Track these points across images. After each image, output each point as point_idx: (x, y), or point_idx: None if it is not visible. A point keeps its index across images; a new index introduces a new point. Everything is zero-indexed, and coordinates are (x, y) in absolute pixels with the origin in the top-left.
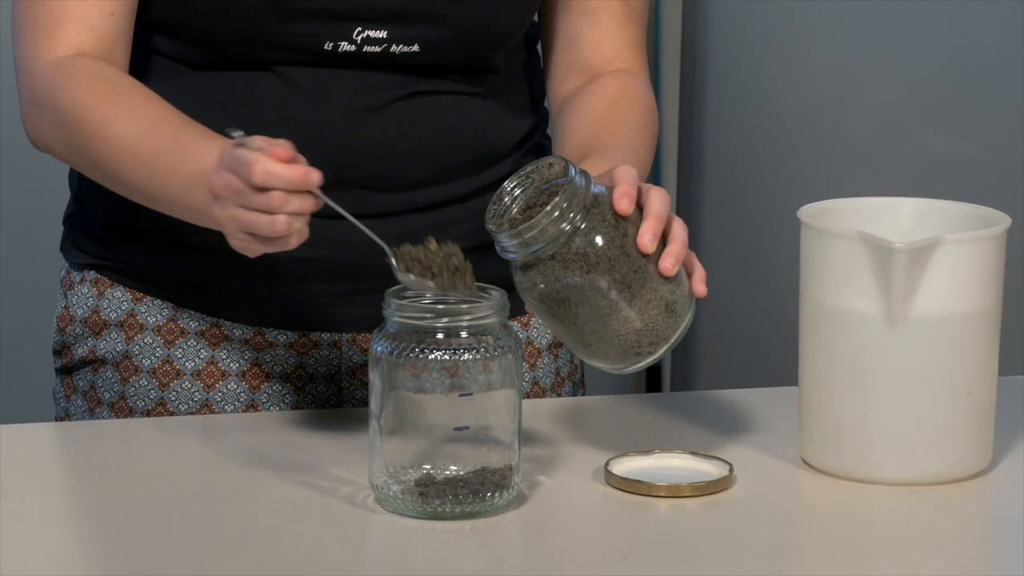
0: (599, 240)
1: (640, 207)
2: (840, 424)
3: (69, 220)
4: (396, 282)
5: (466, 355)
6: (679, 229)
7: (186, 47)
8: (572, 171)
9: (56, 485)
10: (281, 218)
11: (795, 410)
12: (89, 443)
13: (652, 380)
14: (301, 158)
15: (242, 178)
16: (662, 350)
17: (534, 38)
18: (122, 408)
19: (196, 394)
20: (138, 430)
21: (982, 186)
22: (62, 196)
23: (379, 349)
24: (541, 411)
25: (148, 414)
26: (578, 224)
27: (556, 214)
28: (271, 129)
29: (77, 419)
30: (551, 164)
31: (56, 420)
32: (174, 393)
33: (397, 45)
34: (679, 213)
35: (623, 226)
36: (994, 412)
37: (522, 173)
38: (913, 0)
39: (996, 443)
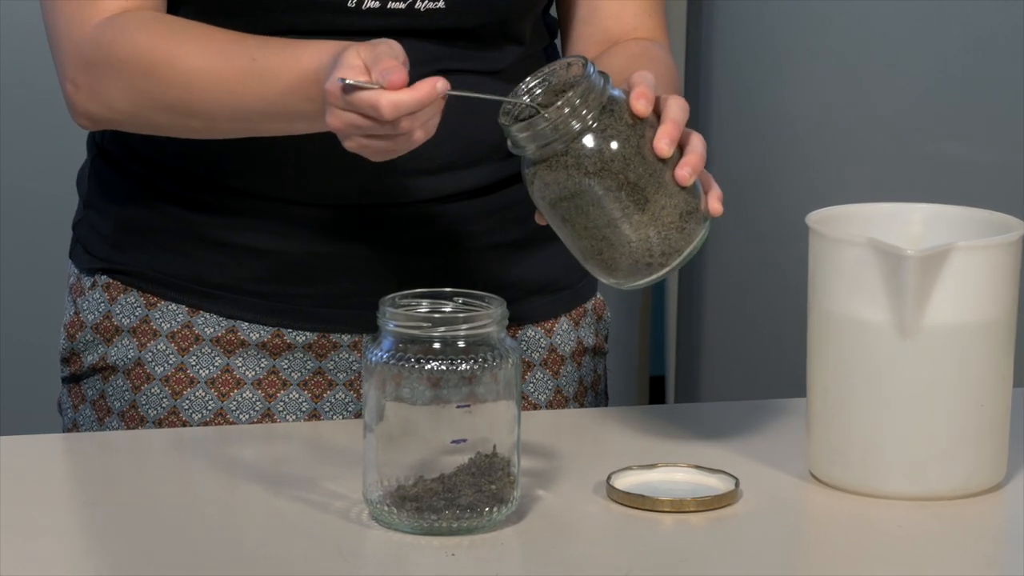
0: (613, 139)
1: (658, 115)
2: (849, 437)
3: (78, 226)
4: (399, 288)
5: (463, 365)
6: (697, 142)
7: (206, 15)
8: (590, 68)
9: (59, 499)
10: (418, 134)
11: (803, 422)
12: (96, 455)
13: (655, 391)
14: (405, 72)
15: (369, 118)
16: (674, 263)
17: (554, 25)
18: (133, 417)
19: (210, 403)
20: (147, 442)
21: (996, 191)
22: (67, 203)
23: (373, 359)
24: (541, 423)
25: (160, 423)
26: (591, 123)
27: (567, 109)
28: None
29: (85, 429)
30: (570, 64)
31: (63, 431)
32: (187, 402)
33: (423, 1)
34: None
35: (640, 128)
36: (1008, 425)
37: (541, 73)
38: (925, 1)
39: (1011, 457)
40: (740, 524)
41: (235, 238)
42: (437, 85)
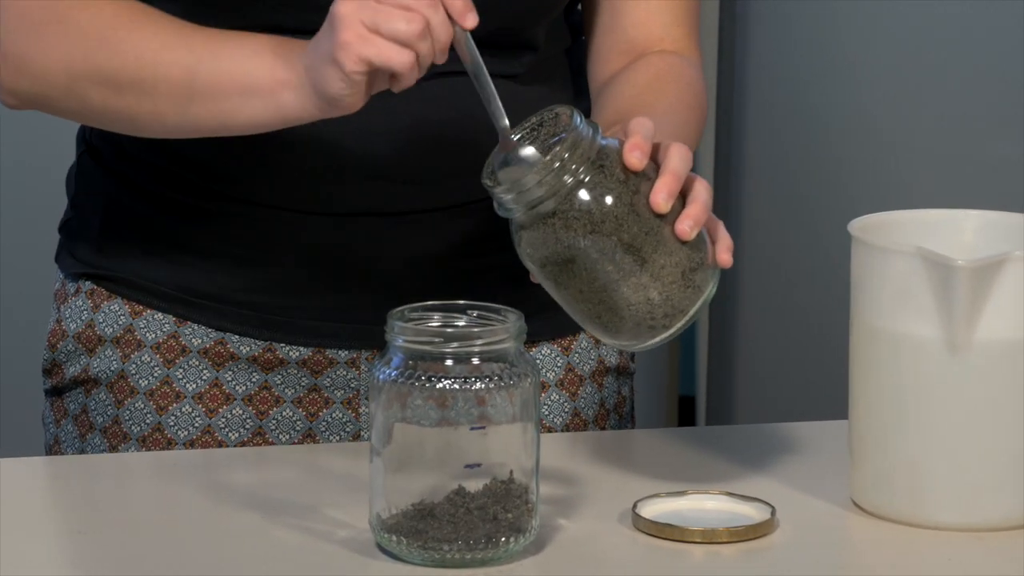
0: (605, 196)
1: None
2: (895, 462)
3: (65, 227)
4: (400, 302)
5: (478, 384)
6: (701, 189)
7: (191, 14)
8: (577, 120)
9: (39, 527)
10: (418, 16)
11: (844, 446)
12: (78, 480)
13: (685, 413)
14: None
15: None
16: (679, 324)
17: (579, 25)
18: (116, 434)
19: (197, 419)
20: (132, 465)
21: None
22: (59, 204)
23: (381, 376)
24: (561, 447)
25: (143, 440)
26: (581, 177)
27: (556, 164)
28: None
29: (67, 445)
30: (557, 115)
31: (45, 447)
32: (172, 418)
33: None
34: None
35: (634, 183)
36: None
37: (527, 125)
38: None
39: None
40: (776, 556)
41: (224, 246)
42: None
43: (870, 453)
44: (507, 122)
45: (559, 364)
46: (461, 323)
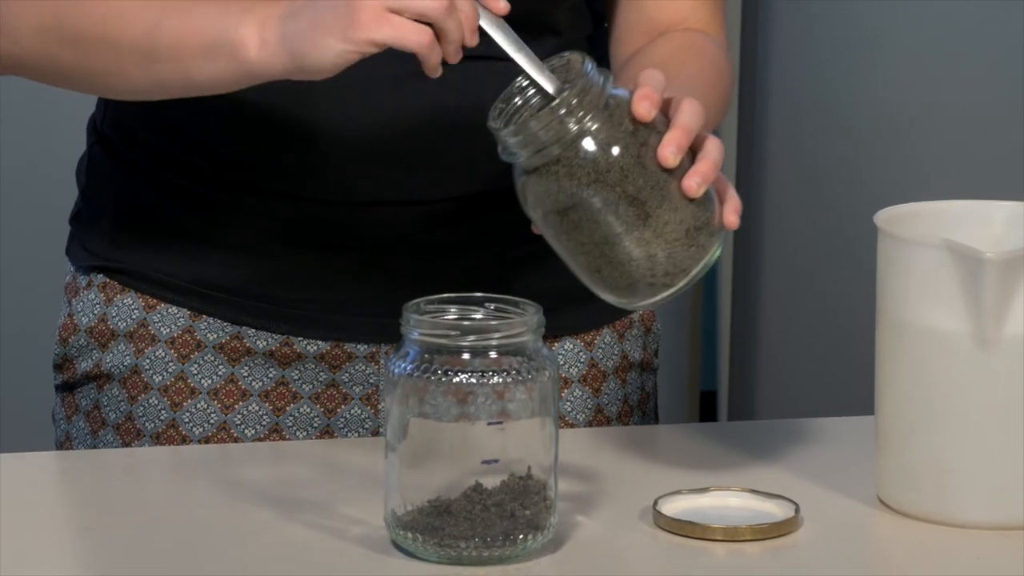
0: (612, 146)
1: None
2: (922, 459)
3: (75, 219)
4: (421, 294)
5: (495, 378)
6: (712, 147)
7: None
8: (588, 66)
9: (50, 524)
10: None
11: (869, 442)
12: (90, 475)
13: (707, 408)
14: None
15: None
16: (681, 283)
17: (602, 13)
18: (129, 430)
19: (212, 416)
20: (145, 460)
21: None
22: (69, 196)
23: (396, 370)
24: (580, 443)
25: (157, 437)
26: (588, 125)
27: (563, 110)
28: (302, 94)
29: (79, 442)
30: (569, 61)
31: (56, 444)
32: (187, 414)
33: None
34: None
35: (643, 134)
36: None
37: None
38: None
39: None
40: (800, 554)
41: (240, 237)
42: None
43: (896, 449)
44: (557, 84)
45: (582, 359)
46: (478, 316)
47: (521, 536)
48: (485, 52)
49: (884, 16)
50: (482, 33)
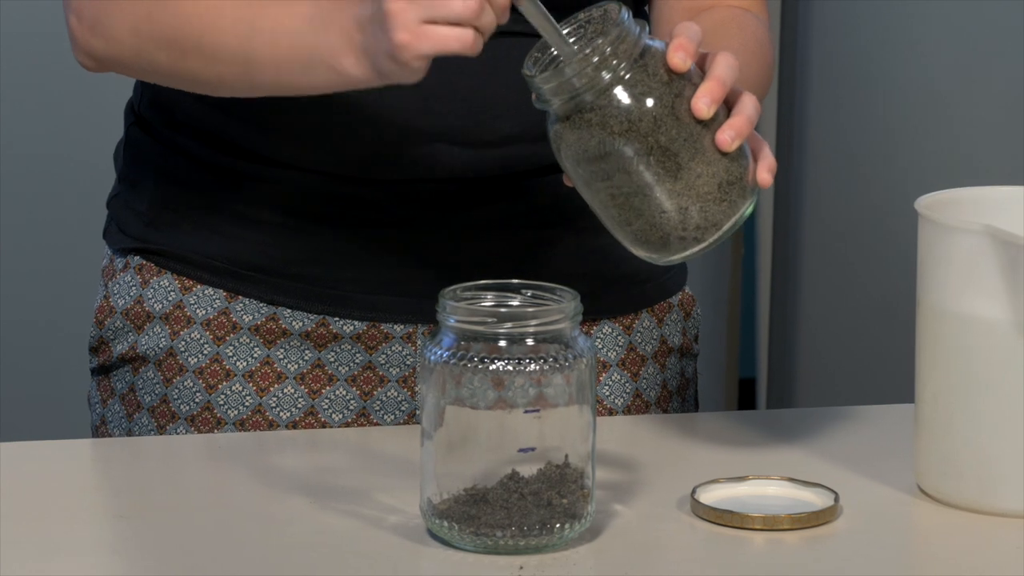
0: (646, 96)
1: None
2: (963, 447)
3: (113, 202)
4: (459, 273)
5: (532, 365)
6: (748, 103)
7: None
8: (624, 15)
9: (85, 511)
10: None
11: (909, 430)
12: (126, 463)
13: (746, 395)
14: None
15: None
16: (712, 238)
17: None
18: (164, 413)
19: (248, 398)
20: (180, 448)
21: None
22: (106, 179)
23: (432, 357)
24: (617, 431)
25: (192, 420)
26: (622, 74)
27: (596, 58)
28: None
29: (114, 426)
30: (606, 11)
31: (92, 428)
32: (222, 396)
33: None
34: (776, 208)
35: (677, 86)
36: None
37: (575, 21)
38: None
39: None
40: (840, 543)
41: (276, 215)
42: None
43: (937, 438)
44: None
45: (620, 343)
46: (515, 303)
47: (558, 525)
48: (527, 28)
49: (925, 0)
50: (514, 10)
